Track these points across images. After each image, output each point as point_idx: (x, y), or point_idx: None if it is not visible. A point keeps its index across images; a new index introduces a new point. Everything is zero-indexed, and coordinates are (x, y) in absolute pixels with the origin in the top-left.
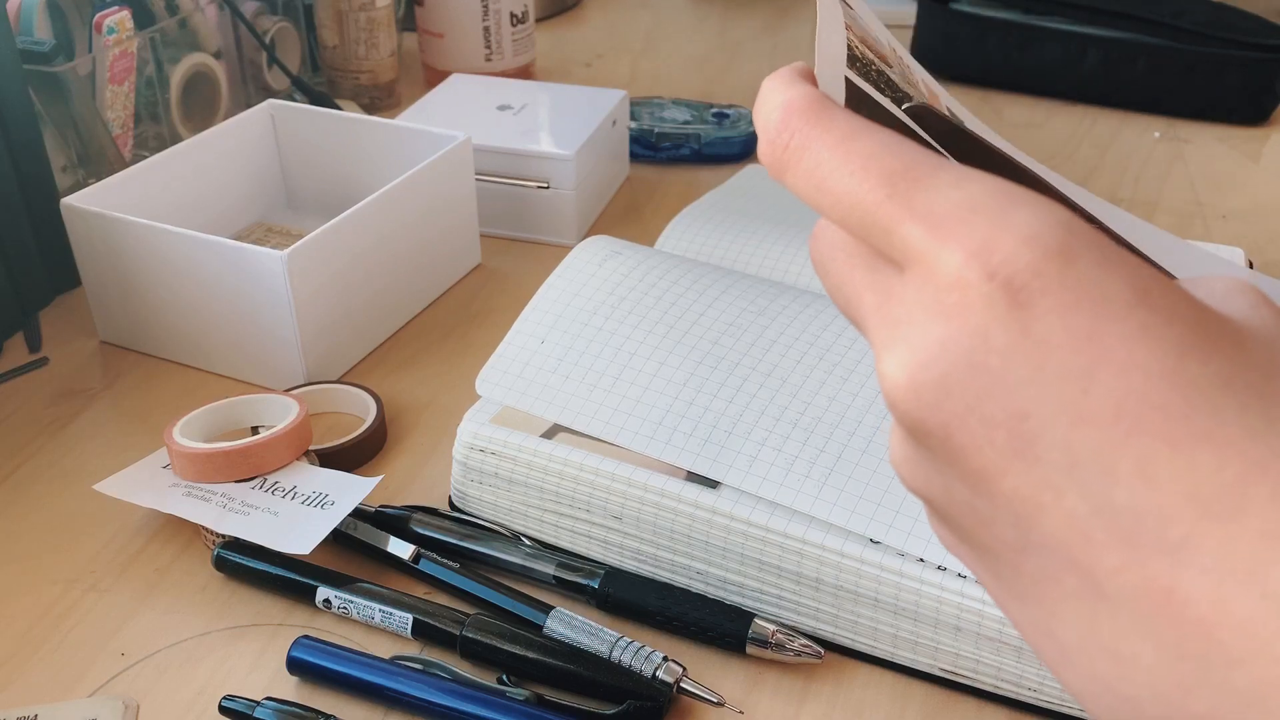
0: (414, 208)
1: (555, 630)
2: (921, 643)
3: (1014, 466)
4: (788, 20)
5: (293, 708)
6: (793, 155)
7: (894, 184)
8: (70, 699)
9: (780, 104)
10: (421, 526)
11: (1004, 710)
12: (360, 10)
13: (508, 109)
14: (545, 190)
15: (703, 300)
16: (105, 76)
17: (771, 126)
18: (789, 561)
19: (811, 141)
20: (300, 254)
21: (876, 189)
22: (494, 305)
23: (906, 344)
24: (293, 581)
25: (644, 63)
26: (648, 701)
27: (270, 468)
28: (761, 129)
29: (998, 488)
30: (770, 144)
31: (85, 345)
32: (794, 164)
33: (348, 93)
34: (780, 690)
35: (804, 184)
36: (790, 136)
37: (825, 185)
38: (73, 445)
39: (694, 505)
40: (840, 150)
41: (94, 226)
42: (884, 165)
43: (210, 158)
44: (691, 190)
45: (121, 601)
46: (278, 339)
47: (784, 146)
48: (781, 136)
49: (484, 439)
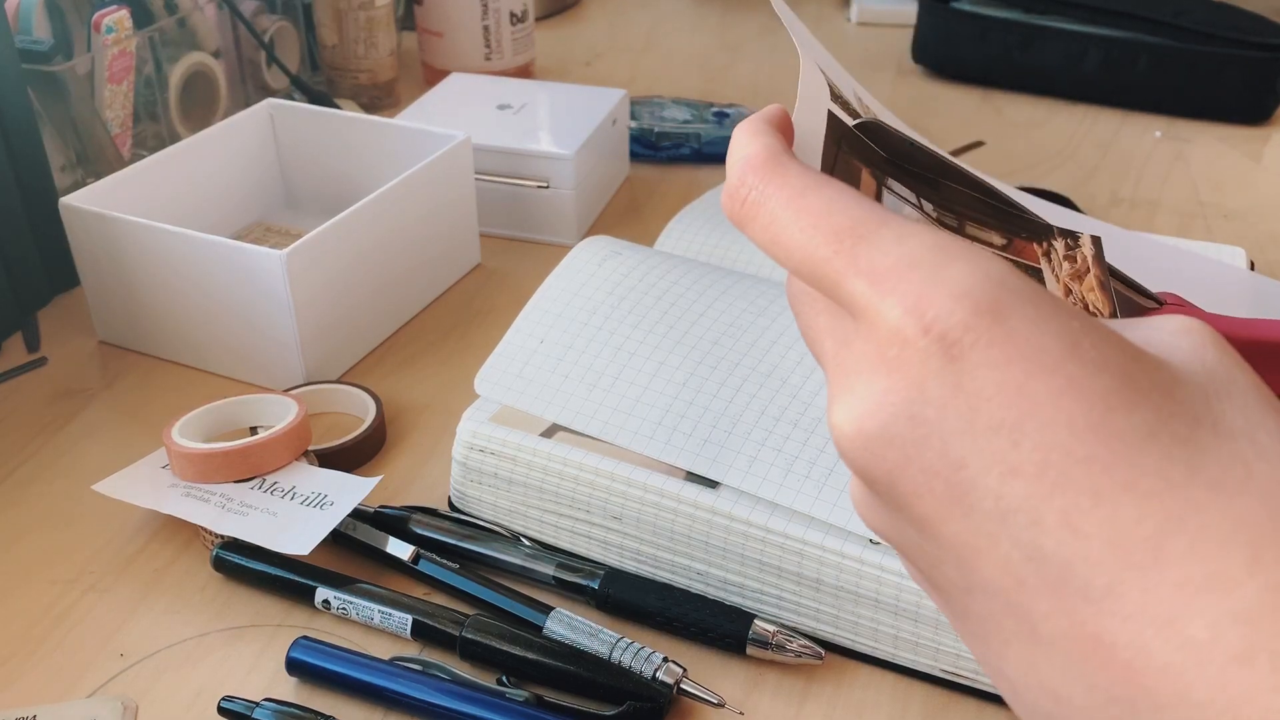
0: (413, 207)
1: (555, 631)
2: (922, 643)
3: (953, 513)
4: None
5: (292, 708)
6: (749, 210)
7: (841, 240)
8: (70, 699)
9: (740, 159)
10: (421, 527)
11: (1004, 711)
12: (359, 9)
13: (507, 108)
14: (545, 190)
15: (703, 300)
16: (104, 76)
17: (732, 180)
18: (789, 562)
19: (767, 198)
20: (300, 254)
21: (825, 244)
22: (494, 305)
23: (854, 394)
24: (292, 582)
25: (644, 62)
26: (648, 702)
27: (269, 468)
28: (726, 183)
29: (940, 532)
30: (730, 198)
31: (84, 345)
32: (751, 218)
33: (347, 92)
34: (780, 691)
35: (761, 237)
36: (748, 191)
37: (780, 239)
38: (72, 445)
39: (694, 505)
40: (792, 206)
41: (93, 226)
42: (832, 222)
43: (209, 157)
44: (691, 190)
45: (121, 602)
46: (277, 339)
47: (742, 201)
48: (740, 191)
49: (483, 439)
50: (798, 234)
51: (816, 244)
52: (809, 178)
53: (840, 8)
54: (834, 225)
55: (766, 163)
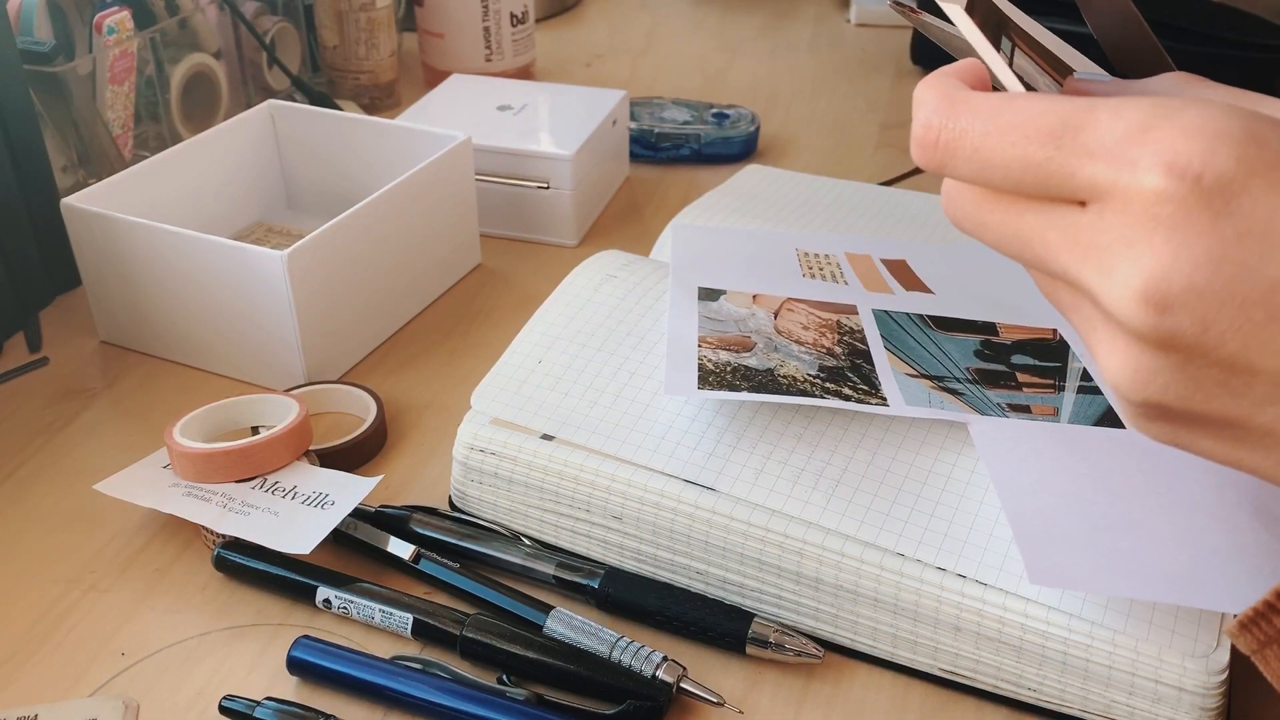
0: (414, 208)
1: (555, 630)
2: (921, 642)
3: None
4: (788, 20)
5: (293, 708)
6: (947, 148)
7: (1059, 138)
8: (70, 699)
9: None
10: (421, 526)
11: (1003, 710)
12: (360, 10)
13: (508, 109)
14: (545, 190)
15: None
16: (105, 76)
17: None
18: (789, 561)
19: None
20: (300, 254)
21: (1043, 148)
22: (494, 305)
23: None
24: (293, 581)
25: (644, 63)
26: (648, 701)
27: (270, 468)
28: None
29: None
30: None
31: (85, 345)
32: (952, 153)
33: (348, 93)
34: (780, 690)
35: (968, 168)
36: (938, 133)
37: (991, 162)
38: (73, 445)
39: (694, 505)
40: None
41: (94, 226)
42: (1040, 125)
43: (210, 158)
44: (691, 190)
45: (121, 601)
46: (278, 339)
47: (934, 143)
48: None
49: (484, 439)
50: (1009, 149)
51: (1033, 150)
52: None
53: (839, 9)
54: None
55: (946, 101)
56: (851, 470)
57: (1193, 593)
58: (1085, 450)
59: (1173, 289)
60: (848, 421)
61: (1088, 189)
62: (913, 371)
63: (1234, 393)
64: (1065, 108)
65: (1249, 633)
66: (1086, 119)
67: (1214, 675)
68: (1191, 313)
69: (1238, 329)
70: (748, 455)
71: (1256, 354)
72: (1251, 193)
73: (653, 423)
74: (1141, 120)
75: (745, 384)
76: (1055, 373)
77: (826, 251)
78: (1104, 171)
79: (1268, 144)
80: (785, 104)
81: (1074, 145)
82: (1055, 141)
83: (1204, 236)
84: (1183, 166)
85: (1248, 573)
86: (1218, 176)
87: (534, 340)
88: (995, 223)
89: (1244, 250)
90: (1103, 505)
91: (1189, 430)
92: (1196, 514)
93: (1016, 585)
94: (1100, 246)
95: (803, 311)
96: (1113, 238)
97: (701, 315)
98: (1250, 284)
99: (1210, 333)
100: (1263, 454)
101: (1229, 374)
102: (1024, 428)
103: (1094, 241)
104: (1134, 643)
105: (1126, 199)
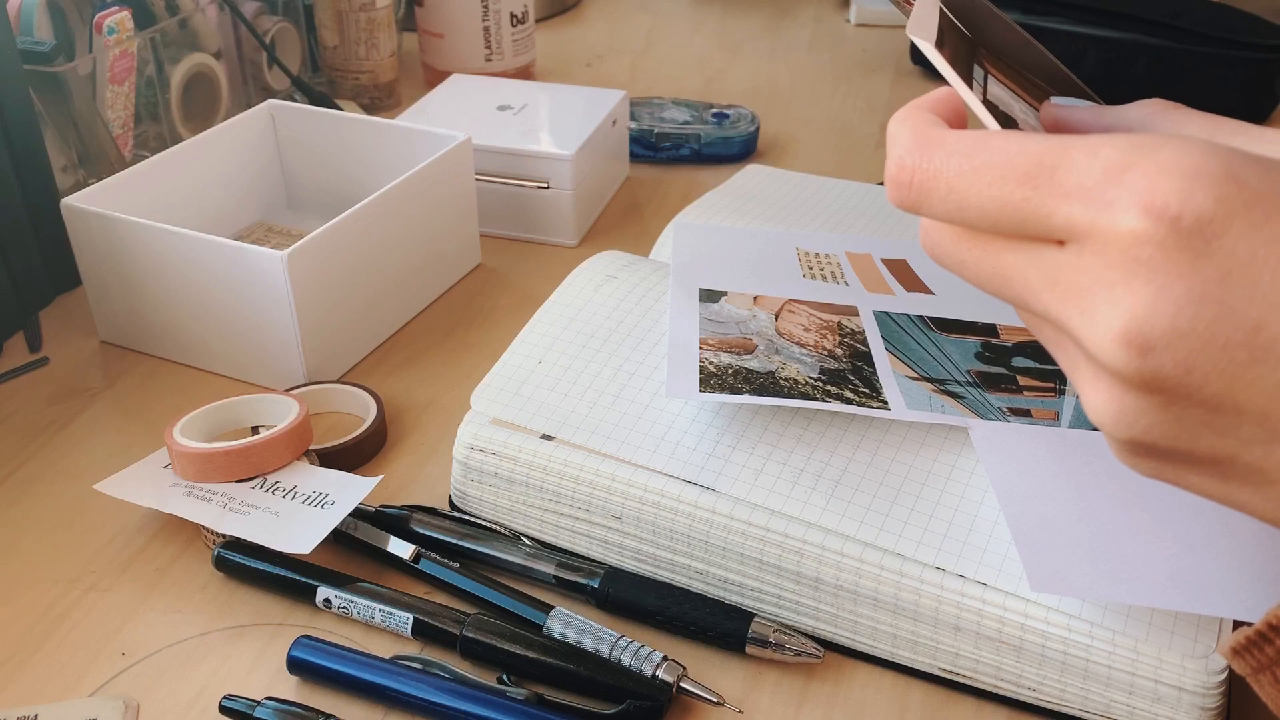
0: (414, 208)
1: (555, 630)
2: (921, 642)
3: (1256, 373)
4: (788, 20)
5: (293, 707)
6: (921, 188)
7: (1034, 178)
8: (70, 699)
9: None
10: (421, 526)
11: (1003, 709)
12: (360, 10)
13: (508, 109)
14: (545, 190)
15: None
16: (105, 76)
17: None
18: (788, 561)
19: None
20: (300, 254)
21: (1019, 188)
22: (494, 305)
23: (1113, 308)
24: (293, 581)
25: (644, 63)
26: (647, 701)
27: (270, 467)
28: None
29: (1241, 399)
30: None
31: (85, 345)
32: (927, 194)
33: (348, 93)
34: (780, 690)
35: (943, 209)
36: (911, 174)
37: (966, 202)
38: (73, 445)
39: (694, 505)
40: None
41: (94, 226)
42: (1016, 166)
43: (210, 158)
44: (691, 191)
45: (122, 601)
46: (278, 339)
47: (908, 184)
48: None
49: (484, 439)
50: (985, 189)
51: (1009, 191)
52: (970, 137)
53: (839, 8)
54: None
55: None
56: (851, 470)
57: (1193, 599)
58: (1085, 455)
59: (1154, 331)
60: (847, 422)
61: (1065, 229)
62: (914, 374)
63: (1220, 432)
64: (1040, 147)
65: (1244, 658)
66: (1061, 159)
67: (1214, 675)
68: (1174, 354)
69: (1221, 370)
70: (747, 455)
71: (1242, 393)
72: (1232, 233)
73: (652, 423)
74: (1118, 159)
75: (747, 387)
76: (1055, 375)
77: (827, 251)
78: (1081, 212)
79: (1246, 183)
80: (785, 104)
81: (1050, 186)
82: (1031, 183)
83: (1184, 279)
84: (1160, 207)
85: (1248, 577)
86: (1197, 217)
87: (534, 341)
88: (974, 261)
89: (1225, 291)
90: (1103, 511)
91: (1175, 467)
92: (1196, 518)
93: (1016, 585)
94: (1080, 287)
95: (804, 313)
96: (1092, 279)
97: (702, 317)
98: (1233, 325)
99: (1194, 374)
100: (1251, 490)
101: (1214, 414)
102: (1024, 432)
103: (1074, 282)
104: (1134, 643)
105: (1104, 241)
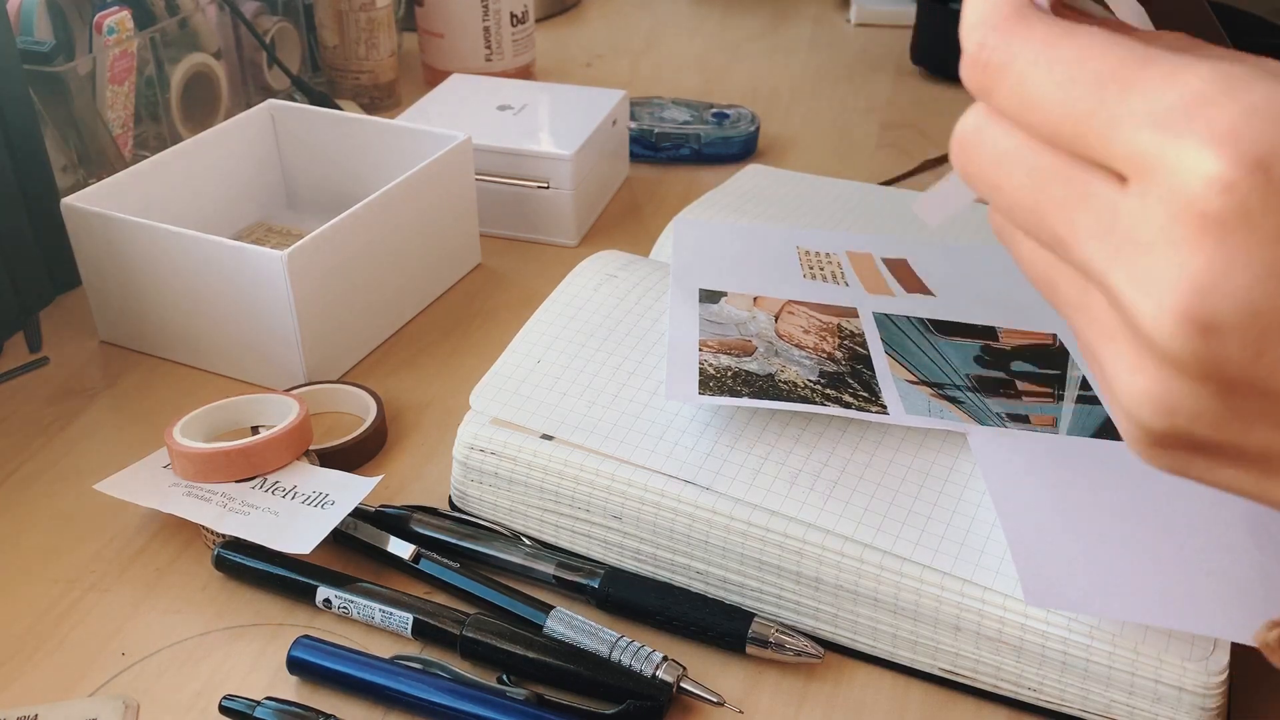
0: (414, 208)
1: (555, 630)
2: (921, 642)
3: None
4: (787, 20)
5: (293, 707)
6: (994, 73)
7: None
8: (70, 699)
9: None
10: (421, 526)
11: (1003, 710)
12: (360, 10)
13: (508, 109)
14: (545, 190)
15: None
16: (105, 76)
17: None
18: (788, 561)
19: (1013, 55)
20: (300, 254)
21: (1087, 95)
22: (494, 305)
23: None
24: (293, 581)
25: (644, 63)
26: (648, 701)
27: (270, 467)
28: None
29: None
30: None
31: (85, 345)
32: (997, 81)
33: (348, 93)
34: (780, 690)
35: (1009, 101)
36: (990, 53)
37: (1031, 99)
38: (73, 445)
39: (694, 505)
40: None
41: (94, 226)
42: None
43: (210, 158)
44: (691, 191)
45: (121, 601)
46: (278, 339)
47: (984, 65)
48: (981, 54)
49: (484, 439)
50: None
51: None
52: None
53: (839, 8)
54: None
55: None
56: (850, 470)
57: (1187, 618)
58: (1083, 464)
59: (1222, 307)
60: (846, 422)
61: (1126, 158)
62: (913, 378)
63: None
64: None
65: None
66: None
67: (1214, 675)
68: (1243, 337)
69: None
70: (746, 455)
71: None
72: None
73: (651, 422)
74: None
75: (746, 389)
76: (1054, 381)
77: (828, 250)
78: (1149, 141)
79: None
80: (785, 104)
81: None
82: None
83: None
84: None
85: (1242, 597)
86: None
87: (533, 340)
88: (1014, 186)
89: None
90: (1099, 523)
91: (1209, 461)
92: (1192, 533)
93: (1015, 587)
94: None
95: (803, 314)
96: (1154, 232)
97: (702, 318)
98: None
99: (1264, 360)
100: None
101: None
102: (1023, 440)
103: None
104: (1134, 643)
105: (1174, 184)
